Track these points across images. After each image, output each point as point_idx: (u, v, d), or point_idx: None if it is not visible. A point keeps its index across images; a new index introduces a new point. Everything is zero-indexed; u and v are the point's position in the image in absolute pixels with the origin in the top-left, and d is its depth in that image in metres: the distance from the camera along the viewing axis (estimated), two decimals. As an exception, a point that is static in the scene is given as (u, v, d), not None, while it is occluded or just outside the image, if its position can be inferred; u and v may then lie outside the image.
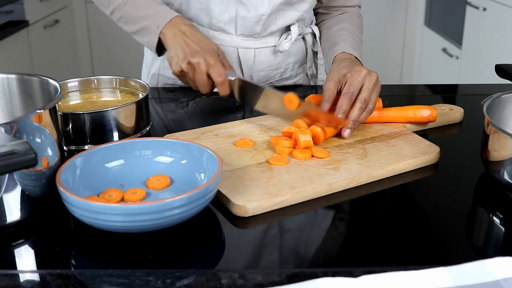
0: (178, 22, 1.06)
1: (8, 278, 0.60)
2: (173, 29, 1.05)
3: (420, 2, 3.59)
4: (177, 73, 1.04)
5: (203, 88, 1.02)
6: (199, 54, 1.00)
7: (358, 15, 1.25)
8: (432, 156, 0.88)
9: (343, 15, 1.23)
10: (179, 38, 1.04)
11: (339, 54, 1.08)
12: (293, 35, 1.18)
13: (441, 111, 1.04)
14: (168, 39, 1.05)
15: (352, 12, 1.25)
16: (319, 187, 0.78)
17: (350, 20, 1.21)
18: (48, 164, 0.71)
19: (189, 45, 1.02)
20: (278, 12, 1.15)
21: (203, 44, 1.03)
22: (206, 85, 1.01)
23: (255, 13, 1.13)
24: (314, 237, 0.70)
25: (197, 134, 0.94)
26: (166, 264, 0.63)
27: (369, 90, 0.93)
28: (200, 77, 1.00)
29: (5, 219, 0.68)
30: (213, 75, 0.99)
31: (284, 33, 1.19)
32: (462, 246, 0.69)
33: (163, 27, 1.06)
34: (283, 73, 1.24)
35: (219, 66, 0.99)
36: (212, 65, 0.99)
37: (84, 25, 3.66)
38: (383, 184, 0.82)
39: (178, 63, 1.02)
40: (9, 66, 2.64)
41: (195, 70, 1.01)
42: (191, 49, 1.02)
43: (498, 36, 2.54)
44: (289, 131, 0.90)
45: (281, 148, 0.86)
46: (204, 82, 1.01)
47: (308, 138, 0.86)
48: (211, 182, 0.69)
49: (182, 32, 1.05)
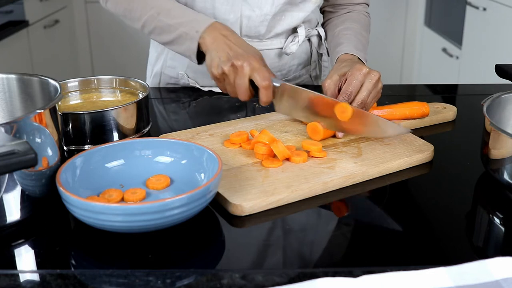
0: (218, 27, 1.01)
1: (8, 278, 0.60)
2: (214, 33, 0.99)
3: (420, 2, 3.59)
4: (217, 76, 0.96)
5: (243, 94, 0.94)
6: (243, 57, 0.93)
7: (365, 13, 1.23)
8: (427, 154, 0.88)
9: (350, 13, 1.21)
10: (221, 41, 0.97)
11: (341, 55, 1.07)
12: (301, 38, 1.17)
13: (434, 109, 1.05)
14: (208, 43, 0.99)
15: (359, 10, 1.22)
16: (315, 186, 0.78)
17: (356, 19, 1.19)
18: (48, 164, 0.71)
19: (232, 48, 0.96)
20: (283, 13, 1.15)
21: (247, 48, 0.97)
22: (247, 90, 0.94)
23: (259, 12, 1.12)
24: (314, 236, 0.70)
25: (192, 134, 0.94)
26: (166, 264, 0.63)
27: (368, 91, 0.92)
28: (242, 81, 0.93)
29: (5, 219, 0.68)
30: (258, 78, 0.92)
31: (291, 35, 1.19)
32: (462, 246, 0.69)
33: (203, 32, 0.99)
34: (286, 75, 1.24)
35: (264, 70, 0.93)
36: (257, 69, 0.92)
37: (84, 25, 3.66)
38: (379, 182, 0.83)
39: (219, 65, 0.95)
40: (9, 66, 2.64)
41: (238, 73, 0.93)
42: (235, 51, 0.95)
43: (498, 36, 2.54)
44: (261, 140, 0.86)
45: (259, 154, 0.85)
46: (246, 87, 0.93)
47: (283, 149, 0.83)
48: (211, 182, 0.69)
49: (223, 35, 0.98)
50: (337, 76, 0.95)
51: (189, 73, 1.22)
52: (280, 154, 0.83)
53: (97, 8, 3.59)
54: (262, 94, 0.92)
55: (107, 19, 3.58)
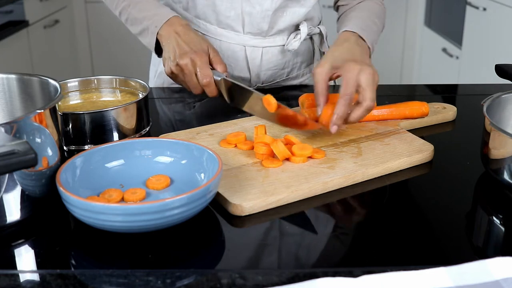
0: (174, 22, 1.06)
1: (8, 278, 0.60)
2: (169, 29, 1.05)
3: (420, 2, 3.59)
4: (169, 75, 1.04)
5: (194, 90, 1.01)
6: (186, 55, 0.99)
7: (379, 3, 1.17)
8: (427, 154, 0.88)
9: (362, 3, 1.17)
10: (172, 38, 1.04)
11: (342, 33, 1.03)
12: (302, 35, 1.17)
13: (434, 109, 1.05)
14: (163, 40, 1.06)
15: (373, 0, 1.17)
16: (315, 186, 0.78)
17: (367, 7, 1.14)
18: (48, 164, 0.71)
19: (179, 45, 1.02)
20: (284, 9, 1.15)
21: (193, 44, 1.02)
22: (197, 86, 1.01)
23: (260, 8, 1.13)
24: (313, 237, 0.70)
25: (192, 134, 0.94)
26: (166, 264, 0.63)
27: (365, 91, 0.87)
28: (190, 78, 1.00)
29: (5, 219, 0.68)
30: (199, 76, 0.99)
31: (293, 33, 1.19)
32: (462, 246, 0.69)
33: (160, 28, 1.06)
34: (290, 73, 1.24)
35: (205, 67, 0.98)
36: (199, 65, 0.98)
37: (84, 25, 3.66)
38: (379, 182, 0.83)
39: (169, 65, 1.02)
40: (9, 66, 2.64)
41: (184, 71, 1.00)
42: (180, 50, 1.01)
43: (498, 36, 2.54)
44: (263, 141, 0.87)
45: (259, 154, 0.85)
46: (194, 84, 1.00)
47: (283, 149, 0.83)
48: (211, 182, 0.69)
49: (176, 32, 1.04)
50: (328, 67, 0.91)
51: None
52: (280, 154, 0.83)
53: (97, 8, 3.60)
54: (205, 90, 0.99)
55: (107, 19, 3.58)
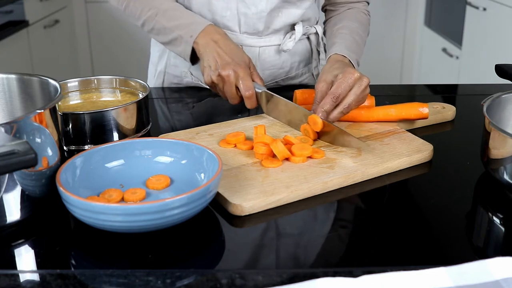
0: (211, 31, 1.06)
1: (8, 278, 0.60)
2: (206, 38, 1.05)
3: (420, 2, 3.59)
4: (208, 84, 1.05)
5: (232, 100, 1.03)
6: (229, 66, 1.01)
7: (365, 12, 1.22)
8: (426, 154, 0.88)
9: (349, 11, 1.21)
10: (211, 47, 1.04)
11: (332, 55, 1.07)
12: (297, 35, 1.18)
13: (433, 109, 1.05)
14: (201, 48, 1.06)
15: (358, 8, 1.21)
16: (315, 186, 0.78)
17: (354, 17, 1.18)
18: (48, 164, 0.71)
19: (220, 55, 1.03)
20: (279, 10, 1.15)
21: (235, 55, 1.03)
22: (235, 97, 1.02)
23: (255, 9, 1.13)
24: (313, 236, 0.70)
25: (192, 134, 0.94)
26: (166, 264, 0.63)
27: (356, 96, 0.92)
28: (229, 89, 1.01)
29: (5, 219, 0.69)
30: (241, 88, 1.00)
31: (289, 32, 1.19)
32: (462, 246, 0.69)
33: (196, 37, 1.06)
34: (289, 72, 1.24)
35: (247, 80, 1.00)
36: (241, 77, 1.00)
37: (84, 25, 3.66)
38: (379, 182, 0.83)
39: (209, 74, 1.03)
40: (9, 66, 2.64)
41: (225, 82, 1.01)
42: (222, 60, 1.02)
43: (498, 36, 2.54)
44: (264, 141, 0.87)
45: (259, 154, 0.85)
46: (233, 94, 1.02)
47: (282, 149, 0.84)
48: (211, 182, 0.69)
49: (214, 41, 1.05)
50: (329, 78, 0.95)
51: (192, 71, 1.22)
52: (279, 154, 0.83)
53: (97, 8, 3.59)
54: (246, 101, 1.01)
55: (107, 19, 3.58)
